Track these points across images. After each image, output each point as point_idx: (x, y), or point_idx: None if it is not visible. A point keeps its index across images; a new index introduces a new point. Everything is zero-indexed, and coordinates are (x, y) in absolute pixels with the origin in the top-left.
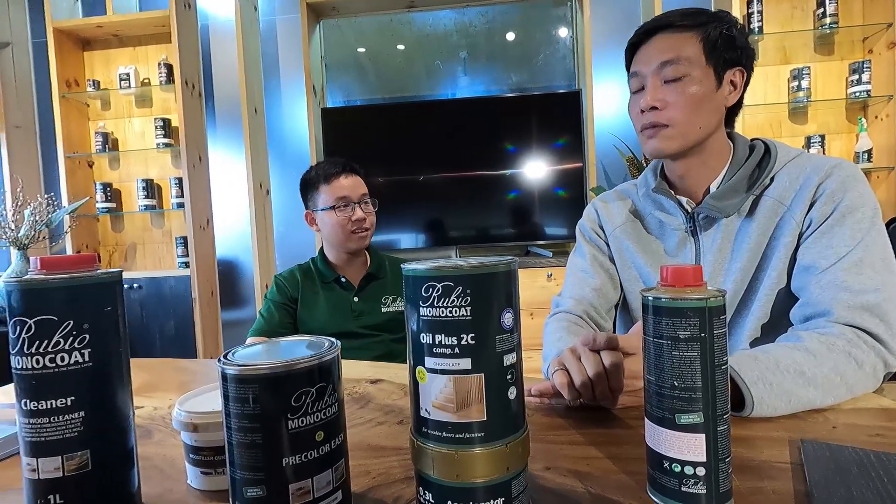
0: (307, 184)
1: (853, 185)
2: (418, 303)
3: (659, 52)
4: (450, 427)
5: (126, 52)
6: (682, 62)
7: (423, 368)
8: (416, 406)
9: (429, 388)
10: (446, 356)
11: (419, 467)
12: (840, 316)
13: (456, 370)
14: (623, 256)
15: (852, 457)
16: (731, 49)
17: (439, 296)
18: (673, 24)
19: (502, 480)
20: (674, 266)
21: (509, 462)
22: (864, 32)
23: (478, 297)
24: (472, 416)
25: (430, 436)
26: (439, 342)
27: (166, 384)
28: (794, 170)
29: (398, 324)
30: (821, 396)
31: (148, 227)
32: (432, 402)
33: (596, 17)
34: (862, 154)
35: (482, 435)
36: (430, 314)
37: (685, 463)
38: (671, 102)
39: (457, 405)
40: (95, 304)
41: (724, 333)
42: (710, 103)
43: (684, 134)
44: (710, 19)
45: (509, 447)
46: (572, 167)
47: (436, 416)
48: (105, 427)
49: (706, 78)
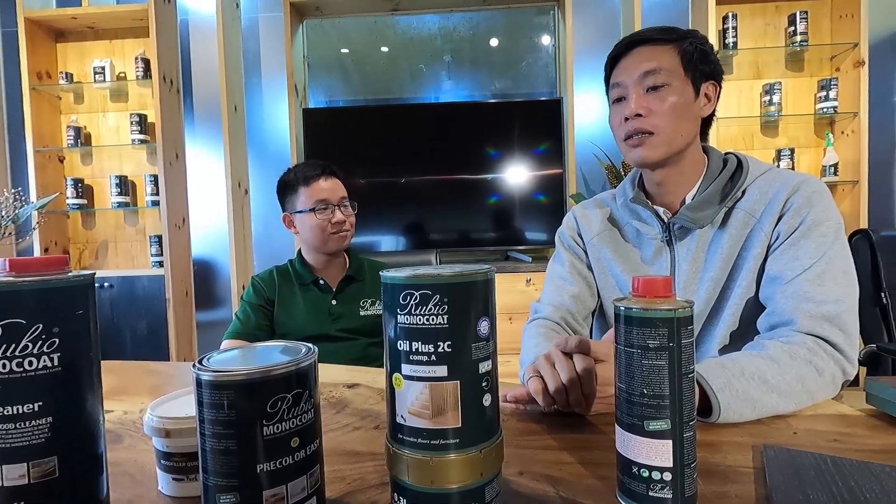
0: (285, 186)
1: (819, 200)
2: (396, 310)
3: (640, 63)
4: (425, 433)
5: (101, 45)
6: (662, 72)
7: (400, 375)
8: (392, 412)
9: (405, 395)
10: (423, 363)
11: (394, 473)
12: (802, 325)
13: (432, 377)
14: (601, 264)
15: (810, 462)
16: (706, 63)
17: (417, 304)
18: (651, 38)
19: (476, 486)
20: (645, 277)
21: (483, 468)
22: (833, 51)
23: (455, 305)
24: (448, 422)
25: (405, 442)
26: (416, 349)
27: (137, 387)
28: (764, 184)
29: (376, 327)
30: (784, 403)
31: (121, 225)
32: (408, 409)
33: (577, 27)
34: (828, 168)
35: (457, 441)
36: (408, 322)
37: (653, 468)
38: (654, 110)
39: (432, 412)
40: (66, 308)
41: (691, 343)
42: (689, 112)
43: (668, 141)
44: (685, 35)
45: (483, 453)
46: (552, 173)
47: (411, 422)
48: (73, 433)
49: (686, 88)
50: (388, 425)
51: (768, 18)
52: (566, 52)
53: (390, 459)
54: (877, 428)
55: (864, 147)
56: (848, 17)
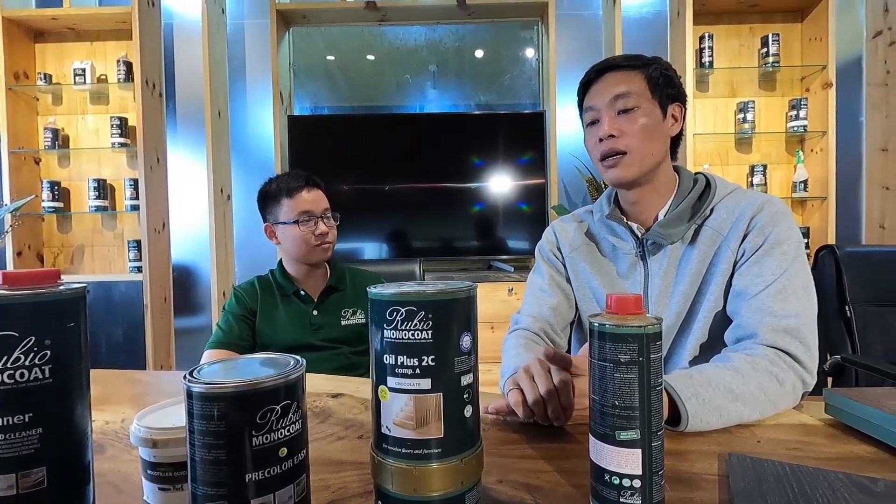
0: (267, 196)
1: (781, 219)
2: (383, 325)
3: (611, 87)
4: (409, 443)
5: (82, 47)
6: (632, 95)
7: (386, 387)
8: (377, 423)
9: (390, 406)
10: (408, 376)
11: (378, 482)
12: (765, 338)
13: (416, 389)
14: (579, 277)
15: (770, 469)
16: (670, 86)
17: (402, 319)
18: (619, 65)
19: (457, 494)
20: (618, 295)
21: (464, 476)
22: (803, 72)
23: (439, 321)
24: (431, 433)
25: (389, 451)
26: (401, 363)
27: (118, 397)
28: (730, 203)
29: (358, 336)
30: (748, 411)
31: (98, 229)
32: (393, 420)
33: (560, 42)
34: (799, 184)
35: (439, 451)
36: (394, 336)
37: (623, 476)
38: (626, 131)
39: (416, 423)
40: (58, 321)
41: (660, 357)
42: (658, 132)
43: (640, 160)
44: (650, 61)
45: (464, 462)
46: (535, 183)
47: (396, 433)
48: (62, 443)
49: (654, 109)
50: (373, 435)
51: (742, 40)
52: (549, 66)
53: (375, 468)
54: (834, 437)
55: (831, 165)
56: (817, 41)
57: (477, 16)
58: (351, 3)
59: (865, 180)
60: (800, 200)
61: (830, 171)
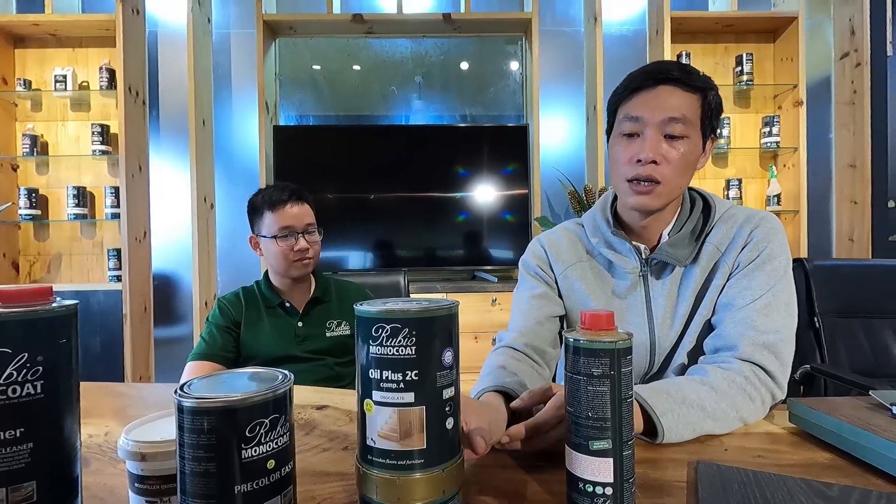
0: (254, 208)
1: (775, 236)
2: (369, 341)
3: (666, 104)
4: (393, 455)
5: (64, 53)
6: (687, 123)
7: (371, 401)
8: (362, 435)
9: (375, 420)
10: (392, 390)
11: (363, 492)
12: (744, 352)
13: (400, 403)
14: (573, 296)
15: (735, 476)
16: (717, 118)
17: (388, 336)
18: (681, 80)
19: (438, 503)
20: (592, 312)
21: (445, 486)
22: (775, 90)
23: (422, 337)
24: (414, 444)
25: (374, 463)
26: (386, 378)
27: (101, 410)
28: (729, 221)
29: (343, 348)
30: (718, 427)
31: (77, 238)
32: (378, 432)
33: (544, 57)
34: (772, 198)
35: (422, 462)
36: (379, 352)
37: (596, 483)
38: (668, 160)
39: (400, 434)
40: (50, 337)
41: (630, 371)
42: (693, 166)
43: (670, 192)
44: (709, 85)
45: (446, 472)
46: (519, 193)
47: (381, 444)
48: (52, 458)
49: (698, 142)
50: (358, 447)
51: (718, 58)
52: (532, 80)
53: (360, 479)
54: (796, 444)
55: (803, 179)
56: (788, 61)
57: (462, 30)
58: (338, 16)
59: (835, 195)
60: (774, 213)
61: (802, 185)
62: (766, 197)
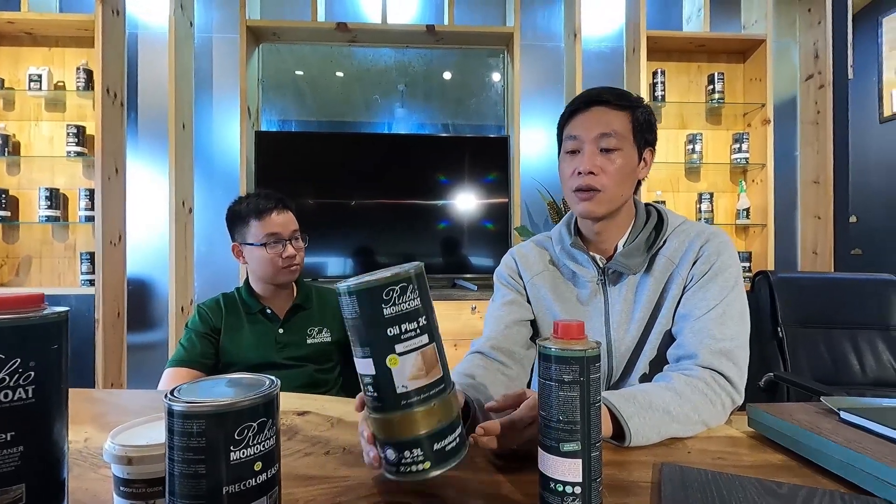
0: (236, 216)
1: (725, 249)
2: (380, 306)
3: (597, 122)
4: (426, 388)
5: (39, 52)
6: (617, 136)
7: (395, 355)
8: (390, 388)
9: (402, 368)
10: (412, 338)
11: (408, 435)
12: (704, 359)
13: (421, 345)
14: (540, 302)
15: (696, 476)
16: (650, 132)
17: (398, 295)
18: (610, 101)
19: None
20: (564, 322)
21: (457, 400)
22: (745, 109)
23: (420, 287)
24: (436, 374)
25: (411, 403)
26: (405, 329)
27: (79, 416)
28: (681, 235)
29: (323, 354)
30: (682, 430)
31: (48, 240)
32: (408, 377)
33: (525, 70)
34: (742, 211)
35: (443, 386)
36: (395, 311)
37: (566, 483)
38: (605, 170)
39: (426, 370)
40: (42, 343)
41: (598, 378)
42: (631, 175)
43: (611, 199)
44: (637, 103)
45: (455, 389)
46: (499, 202)
47: (413, 385)
48: (41, 461)
49: (632, 153)
50: (387, 402)
51: (691, 76)
52: (514, 92)
53: (399, 426)
54: (754, 447)
55: (770, 195)
56: (757, 81)
57: (446, 42)
58: (322, 24)
59: (800, 210)
60: (743, 227)
61: (769, 200)
62: (735, 210)
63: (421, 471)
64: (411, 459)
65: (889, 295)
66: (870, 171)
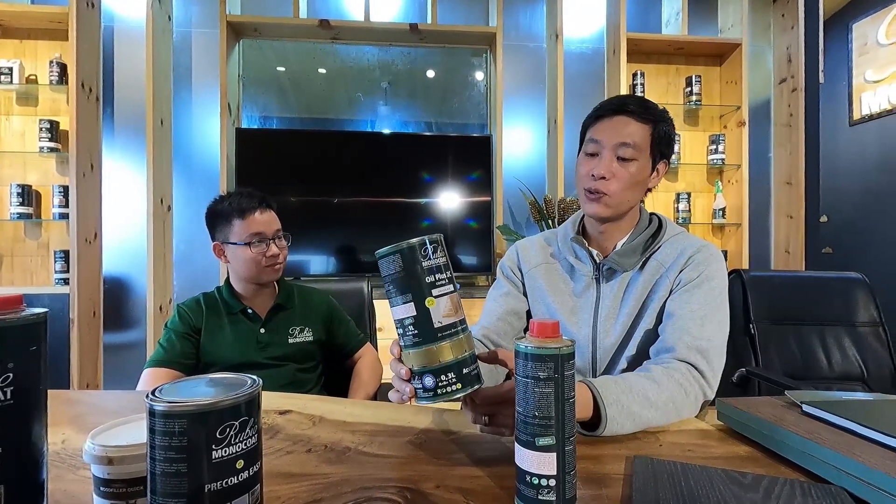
0: (217, 215)
1: (714, 261)
2: (419, 259)
3: (620, 131)
4: (456, 324)
5: (10, 45)
6: (634, 147)
7: (432, 297)
8: (429, 323)
9: (438, 308)
10: (444, 284)
11: (440, 361)
12: (680, 352)
13: (450, 291)
14: (535, 293)
15: (666, 468)
16: (667, 146)
17: (433, 251)
18: (635, 112)
19: (473, 351)
20: (539, 321)
21: (472, 340)
22: (721, 111)
23: (444, 248)
24: (461, 315)
25: (446, 336)
26: (439, 278)
27: (57, 418)
28: (676, 243)
29: (305, 354)
30: (657, 417)
31: (20, 238)
32: (442, 315)
33: (507, 70)
34: (718, 211)
35: (465, 325)
36: (432, 263)
37: (541, 476)
38: (618, 178)
39: (454, 310)
40: (21, 344)
41: (572, 375)
42: (642, 185)
43: (618, 205)
44: (661, 117)
45: (469, 331)
46: (482, 200)
47: (446, 322)
48: (21, 463)
49: (646, 165)
50: (427, 335)
51: (670, 78)
52: (497, 92)
53: (435, 354)
54: (722, 440)
55: (745, 195)
56: (732, 84)
57: (429, 40)
58: (304, 20)
59: (773, 209)
60: (719, 226)
61: (744, 200)
62: (712, 210)
63: (455, 390)
64: (446, 381)
65: (856, 293)
66: (840, 172)
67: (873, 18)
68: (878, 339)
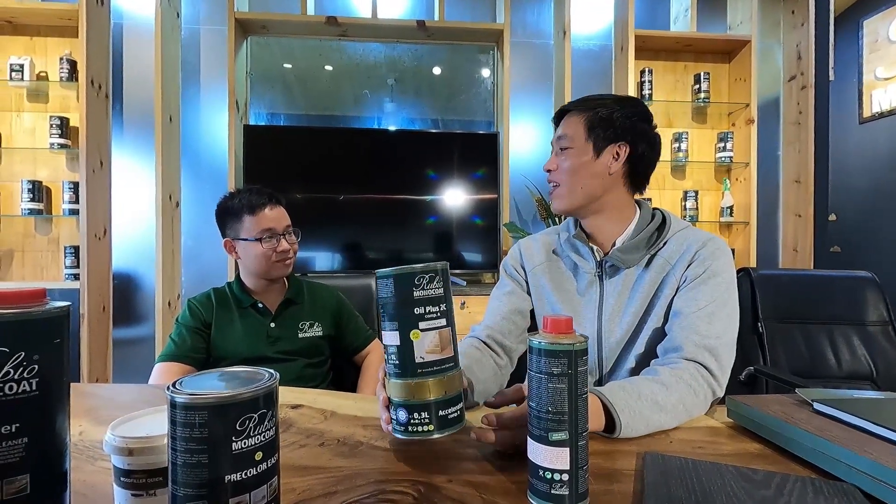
0: (228, 212)
1: (720, 255)
2: (411, 289)
3: (560, 129)
4: (439, 362)
5: (21, 42)
6: (568, 137)
7: (418, 330)
8: (410, 357)
9: (422, 342)
10: (434, 318)
11: (418, 398)
12: (688, 352)
13: (440, 326)
14: (538, 291)
15: (677, 464)
16: (610, 128)
17: (427, 282)
18: (570, 109)
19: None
20: (553, 317)
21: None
22: (729, 108)
23: (444, 280)
24: (449, 353)
25: (427, 372)
26: (428, 311)
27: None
28: (681, 238)
29: (314, 349)
30: (668, 420)
31: (31, 234)
32: (426, 350)
33: (514, 67)
34: (726, 209)
35: (453, 364)
36: (423, 294)
37: (554, 471)
38: (560, 168)
39: (441, 348)
40: (45, 337)
41: (585, 370)
42: (587, 170)
43: (569, 193)
44: (596, 105)
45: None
46: (488, 198)
47: (429, 358)
48: (45, 452)
49: (585, 150)
50: (405, 369)
51: (678, 76)
52: (504, 89)
53: (413, 390)
54: (732, 437)
55: (753, 193)
56: (741, 81)
57: (436, 37)
58: (311, 17)
59: (782, 208)
60: (727, 224)
61: (752, 198)
62: (720, 208)
63: (425, 432)
64: (419, 421)
65: (865, 292)
66: (849, 170)
67: (884, 15)
68: (888, 339)
